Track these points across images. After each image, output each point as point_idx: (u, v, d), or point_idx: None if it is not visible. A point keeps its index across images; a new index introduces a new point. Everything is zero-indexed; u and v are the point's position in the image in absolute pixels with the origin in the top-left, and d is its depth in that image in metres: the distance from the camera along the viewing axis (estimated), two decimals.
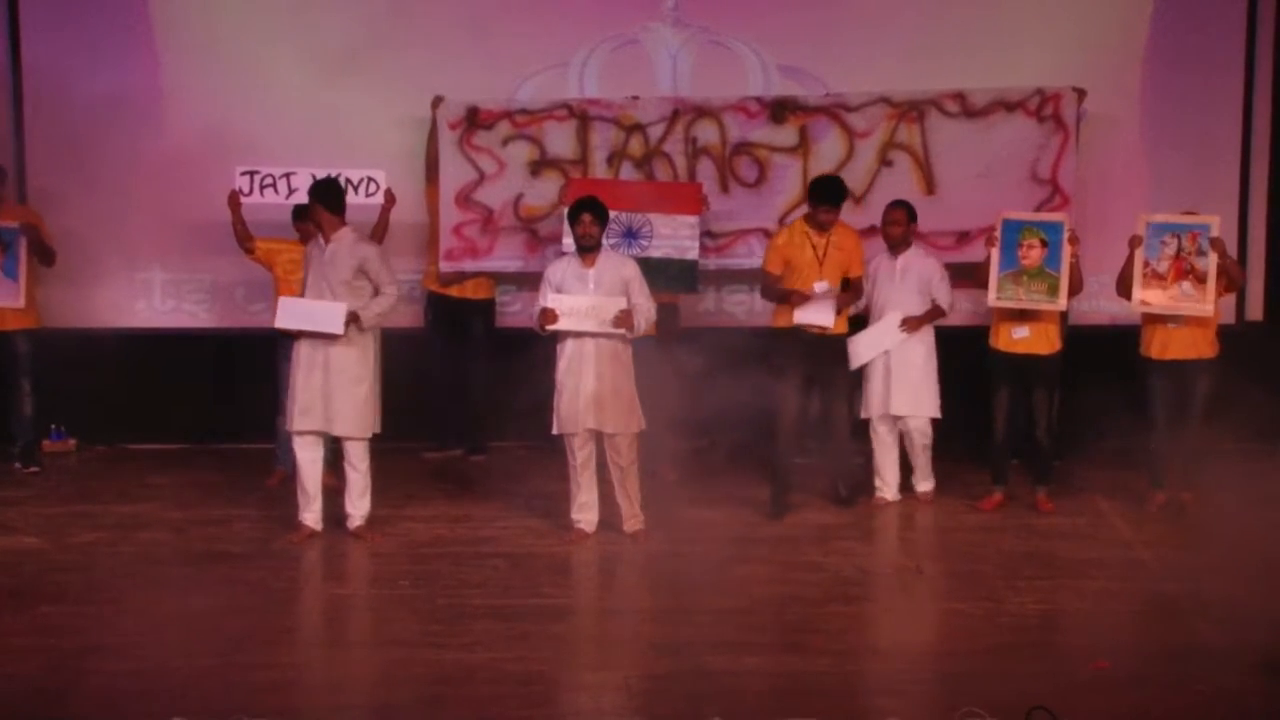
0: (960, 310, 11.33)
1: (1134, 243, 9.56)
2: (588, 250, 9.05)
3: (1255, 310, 11.43)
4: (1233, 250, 11.07)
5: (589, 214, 9.01)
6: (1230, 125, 11.33)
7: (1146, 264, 9.51)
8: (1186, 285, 9.43)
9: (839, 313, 9.45)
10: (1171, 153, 11.32)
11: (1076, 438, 10.62)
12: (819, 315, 9.38)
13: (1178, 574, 8.51)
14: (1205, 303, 9.40)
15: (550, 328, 8.98)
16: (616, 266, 9.09)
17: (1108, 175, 11.22)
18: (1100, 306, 11.01)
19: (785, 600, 8.12)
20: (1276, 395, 10.88)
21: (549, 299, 9.03)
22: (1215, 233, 9.43)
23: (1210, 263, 9.39)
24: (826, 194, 9.43)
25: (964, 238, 10.86)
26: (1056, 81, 10.81)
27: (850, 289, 9.55)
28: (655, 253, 10.43)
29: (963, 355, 10.62)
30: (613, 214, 9.91)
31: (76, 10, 11.22)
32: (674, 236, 10.52)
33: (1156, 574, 8.55)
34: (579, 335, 9.00)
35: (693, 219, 10.57)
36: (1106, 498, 10.03)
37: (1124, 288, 9.65)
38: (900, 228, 9.93)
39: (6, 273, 10.53)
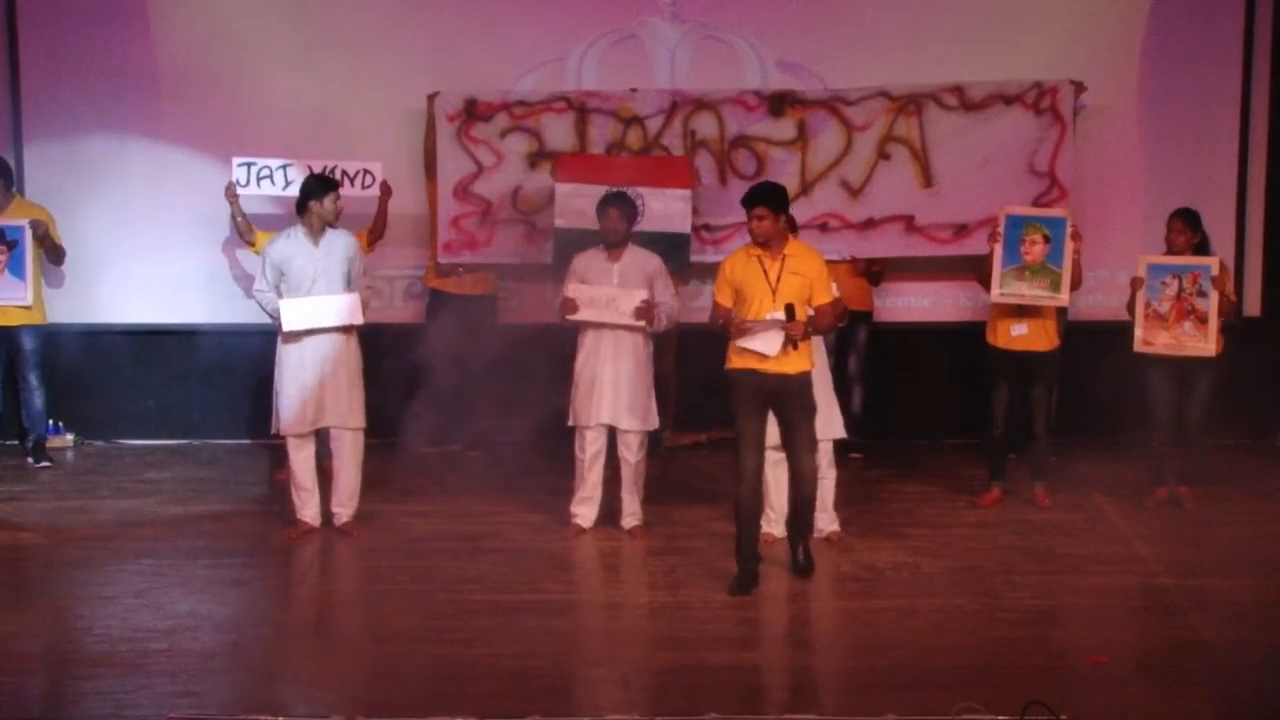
0: (957, 305, 11.38)
1: (1135, 284, 9.56)
2: (614, 245, 9.03)
3: (1253, 306, 11.38)
4: (1230, 247, 11.09)
5: (615, 209, 9.00)
6: (1228, 119, 11.29)
7: (1148, 305, 9.51)
8: (1188, 325, 9.44)
9: (794, 345, 8.05)
10: (1169, 147, 11.29)
11: (1074, 433, 10.62)
12: (762, 343, 8.04)
13: (1175, 569, 8.51)
14: (1207, 343, 9.41)
15: (570, 318, 8.96)
16: (642, 262, 9.06)
17: (1106, 169, 11.20)
18: (1098, 302, 11.00)
19: (783, 596, 8.12)
20: (1274, 391, 10.93)
21: (570, 289, 9.01)
22: (1215, 273, 9.42)
23: (1211, 303, 9.39)
24: (745, 198, 8.15)
25: (962, 230, 10.86)
26: (1055, 75, 10.80)
27: (815, 317, 8.16)
28: (646, 228, 10.41)
29: (960, 351, 10.65)
30: (604, 189, 9.94)
31: (74, 5, 11.20)
32: (665, 212, 10.46)
33: (1154, 569, 8.55)
34: (599, 328, 8.97)
35: (684, 192, 10.52)
36: (1104, 493, 10.02)
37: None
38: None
39: (13, 271, 10.55)
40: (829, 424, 8.77)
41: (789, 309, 8.01)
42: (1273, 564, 8.50)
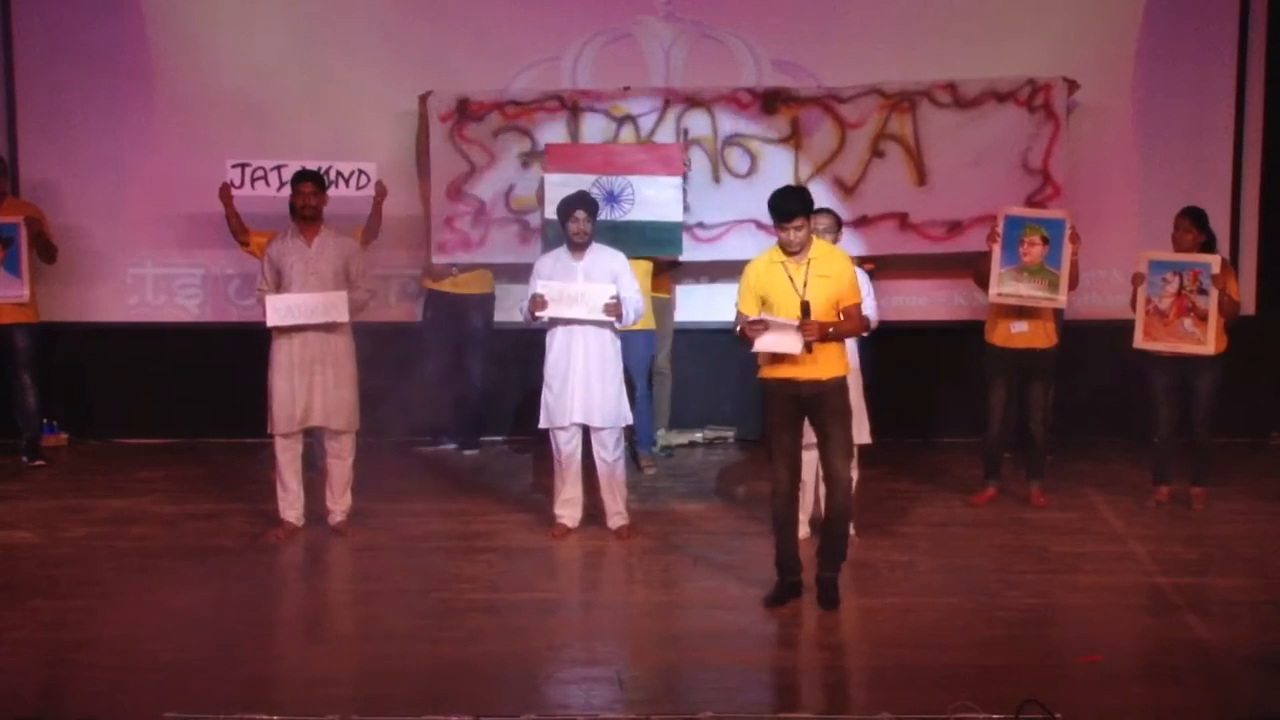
0: (952, 305, 11.38)
1: (1136, 280, 9.54)
2: (578, 246, 9.01)
3: (1247, 304, 11.35)
4: (1225, 245, 11.07)
5: (583, 210, 8.98)
6: (1223, 117, 11.31)
7: (1149, 301, 9.50)
8: (1188, 323, 9.42)
9: (820, 340, 7.64)
10: (1164, 145, 11.30)
11: (1070, 432, 10.61)
12: (783, 342, 7.65)
13: (1171, 568, 8.50)
14: (1205, 341, 9.40)
15: (539, 314, 8.93)
16: (606, 260, 9.04)
17: (1101, 167, 11.20)
18: (1093, 301, 11.01)
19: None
20: (1269, 389, 10.93)
21: (538, 285, 8.98)
22: (1216, 270, 9.39)
23: (1211, 301, 9.38)
24: (780, 208, 7.69)
25: (956, 227, 10.87)
26: (1050, 73, 10.81)
27: (843, 320, 7.79)
28: (638, 216, 10.39)
29: (956, 350, 10.63)
30: (593, 178, 9.98)
31: (69, 6, 11.18)
32: (656, 199, 10.48)
33: (1149, 568, 8.54)
34: (568, 325, 8.93)
35: (675, 179, 10.54)
36: (1099, 492, 10.03)
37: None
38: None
39: (9, 269, 10.54)
40: (858, 428, 8.70)
41: (804, 306, 7.65)
42: (1268, 563, 8.52)
